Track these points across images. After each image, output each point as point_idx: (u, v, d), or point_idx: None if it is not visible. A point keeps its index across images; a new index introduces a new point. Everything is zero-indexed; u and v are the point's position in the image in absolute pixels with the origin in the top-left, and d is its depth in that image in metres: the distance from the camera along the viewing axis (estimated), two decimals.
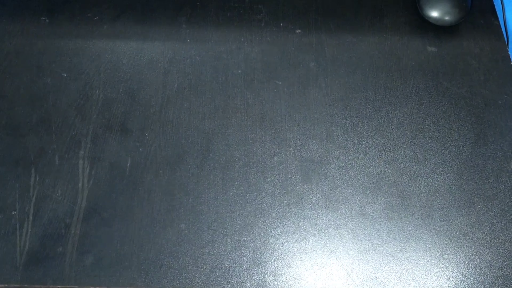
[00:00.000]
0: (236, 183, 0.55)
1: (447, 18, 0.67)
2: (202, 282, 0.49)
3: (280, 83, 0.63)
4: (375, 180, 0.56)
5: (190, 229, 0.52)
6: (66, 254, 0.50)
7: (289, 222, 0.53)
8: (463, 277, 0.50)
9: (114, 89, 0.62)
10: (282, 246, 0.51)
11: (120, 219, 0.51)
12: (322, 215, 0.53)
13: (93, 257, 0.50)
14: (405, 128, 0.60)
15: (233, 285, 0.49)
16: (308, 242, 0.52)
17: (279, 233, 0.52)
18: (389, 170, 0.56)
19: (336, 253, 0.51)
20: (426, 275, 0.50)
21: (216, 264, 0.50)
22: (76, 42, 0.66)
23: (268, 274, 0.50)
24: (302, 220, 0.53)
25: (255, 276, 0.50)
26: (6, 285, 0.47)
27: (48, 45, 0.66)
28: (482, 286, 0.50)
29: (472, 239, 0.52)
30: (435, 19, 0.67)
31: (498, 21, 0.70)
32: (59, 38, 0.66)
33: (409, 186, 0.55)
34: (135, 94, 0.62)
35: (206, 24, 0.68)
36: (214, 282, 0.49)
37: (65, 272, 0.49)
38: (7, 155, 0.57)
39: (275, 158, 0.57)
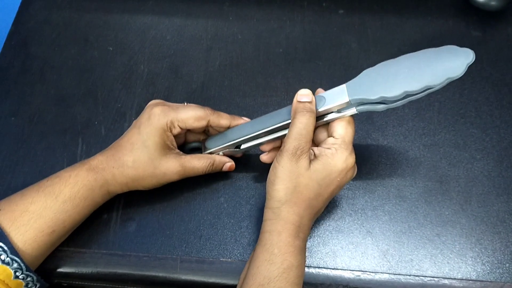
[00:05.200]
0: None
1: (493, 2, 0.65)
2: (240, 255, 0.51)
3: (321, 63, 0.63)
4: (413, 163, 0.56)
5: (229, 203, 0.54)
6: (110, 221, 0.52)
7: None
8: (498, 263, 0.50)
9: (158, 64, 0.63)
10: (318, 224, 0.52)
11: (162, 189, 0.52)
12: (359, 195, 0.54)
13: (136, 225, 0.52)
14: (446, 112, 0.59)
15: None
16: (345, 221, 0.53)
17: None
18: (428, 154, 0.56)
19: (372, 233, 0.52)
20: (461, 260, 0.51)
21: (253, 238, 0.52)
22: (122, 17, 0.67)
23: None
24: (339, 199, 0.54)
25: None
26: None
27: (95, 18, 0.67)
28: None
29: (509, 226, 0.52)
30: (481, 3, 0.66)
31: None
32: (106, 12, 0.68)
33: (448, 171, 0.55)
34: (178, 69, 0.63)
35: (248, 2, 0.69)
36: None
37: (109, 238, 0.52)
38: (56, 125, 0.59)
39: None
